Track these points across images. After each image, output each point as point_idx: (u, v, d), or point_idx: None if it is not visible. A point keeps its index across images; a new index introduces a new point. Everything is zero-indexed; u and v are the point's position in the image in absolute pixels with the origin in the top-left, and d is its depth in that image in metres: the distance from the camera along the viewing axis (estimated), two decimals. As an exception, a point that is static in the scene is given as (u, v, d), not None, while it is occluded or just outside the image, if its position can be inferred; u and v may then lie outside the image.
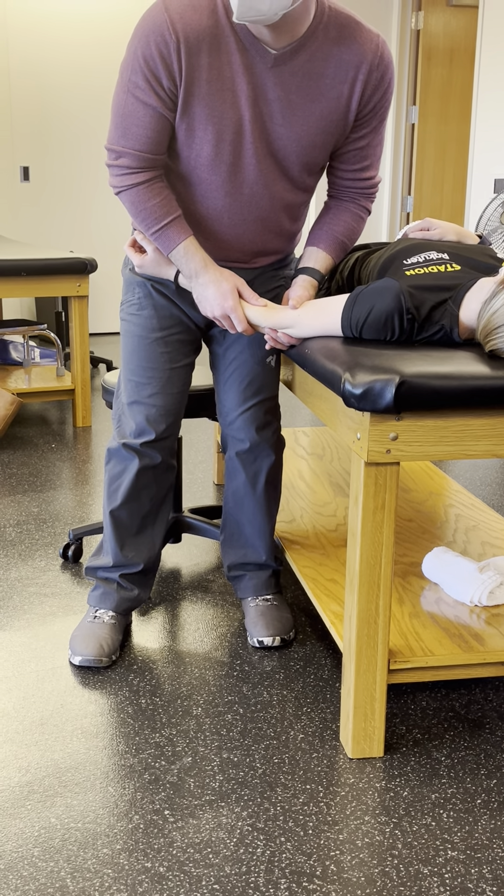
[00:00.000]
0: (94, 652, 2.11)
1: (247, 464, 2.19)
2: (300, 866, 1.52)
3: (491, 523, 2.51)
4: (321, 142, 1.91)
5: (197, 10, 1.76)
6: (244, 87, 1.81)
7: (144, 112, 1.81)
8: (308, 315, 1.87)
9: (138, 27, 1.78)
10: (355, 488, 1.69)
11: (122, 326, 2.12)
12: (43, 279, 3.97)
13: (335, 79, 1.84)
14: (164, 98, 1.80)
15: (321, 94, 1.85)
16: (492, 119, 4.85)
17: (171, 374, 2.09)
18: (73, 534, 2.69)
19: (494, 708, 1.99)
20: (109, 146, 1.87)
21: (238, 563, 2.30)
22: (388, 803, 1.68)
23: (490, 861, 1.53)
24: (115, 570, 2.20)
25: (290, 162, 1.91)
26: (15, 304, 6.44)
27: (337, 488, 2.76)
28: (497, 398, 1.59)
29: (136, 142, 1.84)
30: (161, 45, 1.76)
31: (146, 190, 1.88)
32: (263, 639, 2.20)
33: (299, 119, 1.86)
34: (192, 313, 2.09)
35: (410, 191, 6.60)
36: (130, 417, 2.10)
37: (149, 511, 2.17)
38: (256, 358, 2.13)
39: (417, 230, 2.15)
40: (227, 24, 1.78)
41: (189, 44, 1.76)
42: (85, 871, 1.50)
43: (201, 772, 1.76)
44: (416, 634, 1.88)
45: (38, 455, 3.74)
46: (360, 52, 1.84)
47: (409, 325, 1.75)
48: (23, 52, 6.03)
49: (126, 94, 1.81)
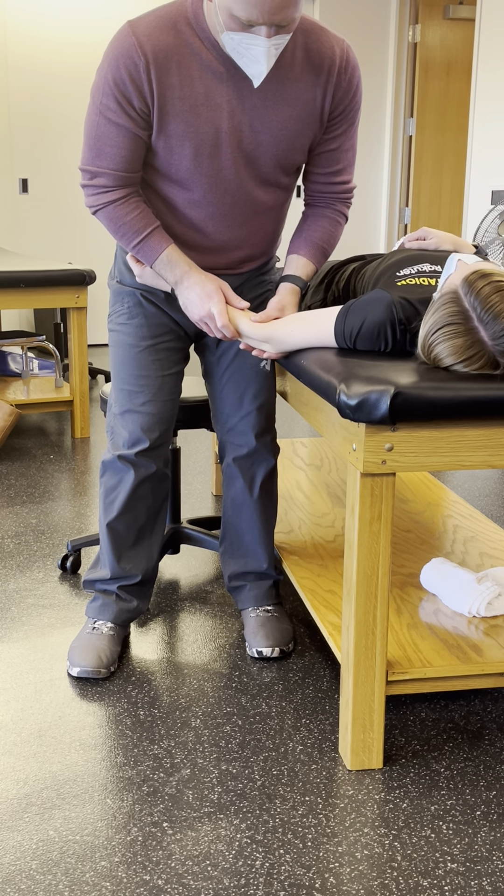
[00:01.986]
0: (93, 663, 2.11)
1: (244, 469, 2.20)
2: (299, 879, 1.51)
3: (489, 534, 2.51)
4: (298, 144, 1.94)
5: (164, 29, 1.80)
6: (218, 100, 1.85)
7: (117, 132, 1.84)
8: (301, 330, 1.87)
9: (108, 51, 1.82)
10: (351, 499, 1.69)
11: (112, 337, 2.13)
12: (41, 291, 3.98)
13: (306, 82, 1.88)
14: (136, 118, 1.84)
15: (295, 99, 1.88)
16: (489, 131, 4.88)
17: (162, 382, 2.10)
18: (71, 545, 2.69)
19: (494, 719, 1.99)
20: (84, 167, 1.90)
21: (238, 573, 2.29)
22: (388, 815, 1.67)
23: (490, 873, 1.53)
24: (113, 583, 2.20)
25: (268, 166, 1.94)
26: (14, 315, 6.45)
27: (335, 499, 2.76)
28: (492, 409, 1.59)
29: (110, 161, 1.87)
30: (130, 67, 1.79)
31: (123, 206, 1.91)
32: (263, 650, 2.20)
33: (276, 124, 1.89)
34: (182, 321, 2.11)
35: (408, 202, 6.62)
36: (123, 427, 2.11)
37: (145, 522, 2.18)
38: (251, 364, 2.15)
39: (414, 240, 2.16)
40: (195, 40, 1.81)
41: (158, 63, 1.79)
42: (83, 884, 1.50)
43: (200, 784, 1.75)
44: (414, 645, 1.88)
45: (36, 466, 3.74)
46: (328, 57, 1.88)
47: (401, 335, 1.76)
48: (21, 64, 6.06)
49: (98, 115, 1.84)
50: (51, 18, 6.05)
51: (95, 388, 5.27)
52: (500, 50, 4.72)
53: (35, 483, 3.53)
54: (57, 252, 6.46)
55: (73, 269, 4.00)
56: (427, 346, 1.66)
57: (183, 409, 2.46)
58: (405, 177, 6.62)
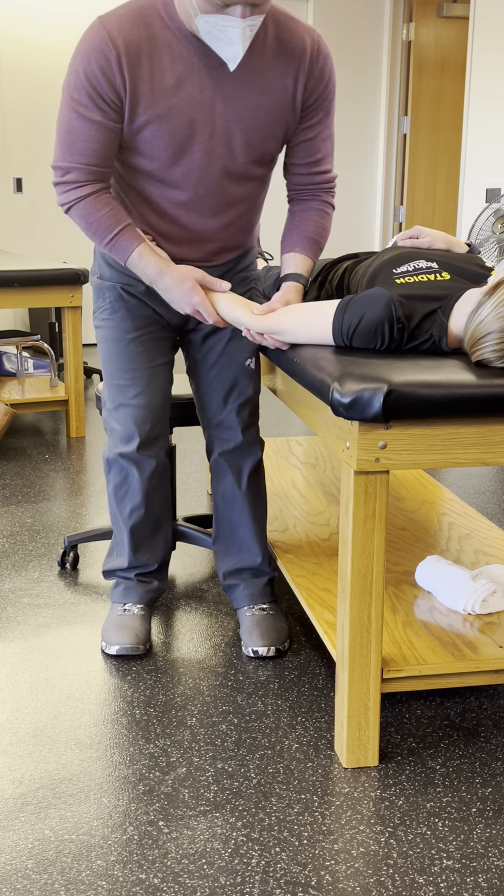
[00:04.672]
0: (131, 640, 2.18)
1: (232, 462, 2.24)
2: (295, 876, 1.51)
3: (484, 532, 2.51)
4: (271, 133, 1.94)
5: (134, 22, 1.80)
6: (191, 90, 1.85)
7: (89, 127, 1.84)
8: (299, 321, 1.88)
9: (78, 47, 1.82)
10: (345, 497, 1.69)
11: (98, 333, 2.15)
12: (36, 290, 3.97)
13: (278, 71, 1.89)
14: (109, 112, 1.84)
15: (268, 88, 1.89)
16: (483, 129, 4.88)
17: (152, 373, 2.12)
18: (68, 541, 2.70)
19: (489, 716, 1.99)
20: (56, 164, 1.90)
21: (233, 570, 2.30)
22: (383, 812, 1.67)
23: (485, 870, 1.53)
24: (130, 571, 2.28)
25: (242, 156, 1.95)
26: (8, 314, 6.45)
27: (330, 497, 2.77)
28: (485, 406, 1.60)
29: (82, 156, 1.87)
30: (102, 61, 1.79)
31: (94, 201, 1.91)
32: (258, 649, 2.20)
33: (249, 114, 1.90)
34: (164, 312, 2.12)
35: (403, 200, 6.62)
36: (117, 422, 2.13)
37: (160, 513, 2.24)
38: (236, 362, 2.17)
39: (407, 238, 2.16)
40: (166, 31, 1.82)
41: (129, 56, 1.80)
42: (79, 884, 1.50)
43: (196, 782, 1.76)
44: (409, 643, 1.88)
45: (31, 466, 3.74)
46: (300, 46, 1.89)
47: (398, 334, 1.76)
48: (13, 63, 6.05)
49: (70, 111, 1.84)
50: (43, 19, 6.05)
51: (90, 388, 5.26)
52: (494, 48, 4.73)
53: (30, 483, 3.52)
54: (51, 251, 6.45)
55: (67, 268, 3.99)
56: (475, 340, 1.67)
57: (176, 407, 2.47)
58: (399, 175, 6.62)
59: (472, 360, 1.71)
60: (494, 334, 1.64)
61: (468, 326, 1.71)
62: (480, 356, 1.67)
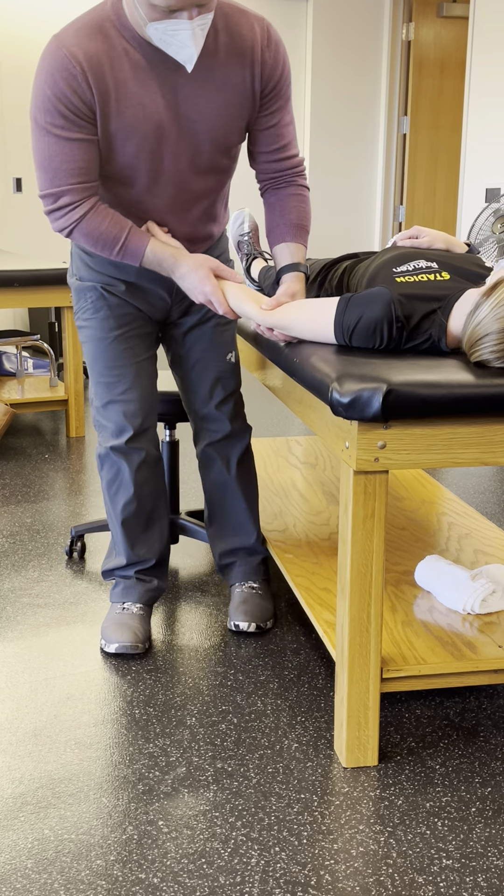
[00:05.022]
0: (130, 639, 2.18)
1: (219, 451, 2.30)
2: (295, 876, 1.51)
3: (483, 531, 2.51)
4: (234, 126, 1.96)
5: (90, 36, 1.81)
6: (153, 96, 1.86)
7: (70, 147, 1.84)
8: (304, 317, 1.89)
9: (40, 69, 1.81)
10: (344, 497, 1.69)
11: (82, 333, 2.17)
12: (36, 290, 3.97)
13: (234, 66, 1.90)
14: (85, 125, 1.84)
15: (225, 83, 1.91)
16: (483, 129, 4.88)
17: (138, 368, 2.15)
18: (74, 531, 2.77)
19: (488, 716, 1.99)
20: (46, 192, 1.89)
21: (228, 551, 2.39)
22: (383, 812, 1.67)
23: (485, 869, 1.53)
24: (130, 569, 2.29)
25: (207, 153, 1.97)
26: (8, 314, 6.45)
27: (330, 497, 2.77)
28: (484, 406, 1.60)
29: (70, 177, 1.87)
30: (69, 78, 1.79)
31: (93, 217, 1.91)
32: (240, 623, 2.29)
33: (210, 111, 1.92)
34: (145, 308, 2.15)
35: (402, 200, 6.63)
36: (107, 419, 2.16)
37: (153, 506, 2.25)
38: (218, 357, 2.23)
39: (406, 238, 2.16)
40: (121, 42, 1.83)
41: (93, 70, 1.80)
42: (79, 883, 1.50)
43: (195, 782, 1.76)
44: (408, 643, 1.88)
45: (31, 465, 3.74)
46: (250, 38, 1.90)
47: (397, 333, 1.76)
48: (13, 63, 6.06)
49: (46, 136, 1.84)
50: (44, 18, 6.05)
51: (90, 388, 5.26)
52: (494, 48, 4.73)
53: (30, 482, 3.52)
54: (51, 251, 6.45)
55: (67, 268, 3.99)
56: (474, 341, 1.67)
57: (177, 403, 2.52)
58: (399, 175, 6.62)
59: (471, 360, 1.71)
60: (493, 335, 1.64)
61: (466, 327, 1.71)
62: (479, 357, 1.68)
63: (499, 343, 1.64)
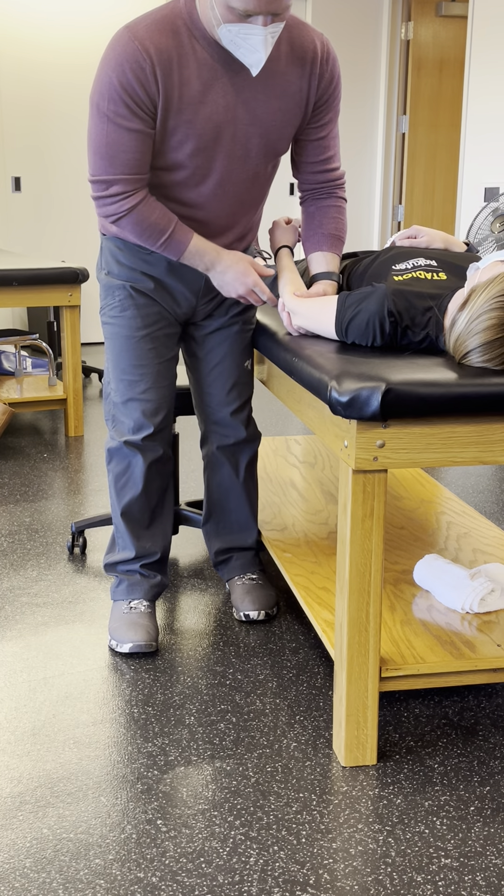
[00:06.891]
0: (143, 637, 2.20)
1: (229, 455, 2.34)
2: (293, 875, 1.52)
3: (482, 530, 2.51)
4: (285, 134, 2.02)
5: (162, 31, 1.85)
6: (215, 96, 1.90)
7: (129, 137, 1.87)
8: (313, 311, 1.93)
9: (109, 57, 1.84)
10: (343, 496, 1.69)
11: (107, 330, 2.18)
12: (34, 289, 3.97)
13: (293, 75, 1.96)
14: (147, 119, 1.87)
15: (283, 91, 1.96)
16: (482, 128, 4.88)
17: (160, 369, 2.17)
18: (75, 526, 2.78)
19: (487, 715, 1.99)
20: (97, 177, 1.92)
21: (225, 549, 2.44)
22: (382, 811, 1.67)
23: (484, 868, 1.53)
24: (136, 562, 2.30)
25: (258, 157, 2.02)
26: (7, 313, 6.45)
27: (329, 496, 2.77)
28: (483, 405, 1.60)
29: (125, 167, 1.90)
30: (137, 70, 1.82)
31: (144, 208, 1.95)
32: (250, 612, 2.34)
33: (267, 117, 1.96)
34: (171, 309, 2.16)
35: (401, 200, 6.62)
36: (126, 415, 2.18)
37: (158, 502, 2.28)
38: (237, 363, 2.26)
39: (405, 238, 2.17)
40: (190, 40, 1.87)
41: (162, 64, 1.84)
42: (77, 882, 1.50)
43: (194, 781, 1.76)
44: (407, 642, 1.88)
45: (29, 465, 3.74)
46: (311, 50, 1.97)
47: (391, 328, 1.76)
48: (13, 62, 6.05)
49: (106, 123, 1.86)
50: (43, 18, 6.04)
51: (89, 387, 5.26)
52: (493, 47, 4.73)
53: (29, 482, 3.52)
54: (50, 250, 6.45)
55: (66, 267, 3.99)
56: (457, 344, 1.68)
57: (179, 397, 2.56)
58: (398, 174, 6.62)
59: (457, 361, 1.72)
60: (476, 351, 1.66)
61: (448, 340, 1.71)
62: (472, 365, 1.69)
63: (483, 354, 1.65)
